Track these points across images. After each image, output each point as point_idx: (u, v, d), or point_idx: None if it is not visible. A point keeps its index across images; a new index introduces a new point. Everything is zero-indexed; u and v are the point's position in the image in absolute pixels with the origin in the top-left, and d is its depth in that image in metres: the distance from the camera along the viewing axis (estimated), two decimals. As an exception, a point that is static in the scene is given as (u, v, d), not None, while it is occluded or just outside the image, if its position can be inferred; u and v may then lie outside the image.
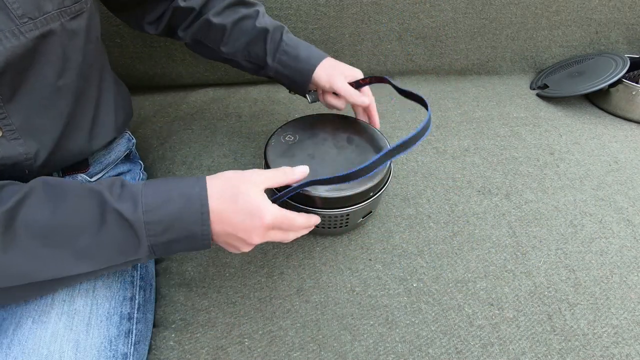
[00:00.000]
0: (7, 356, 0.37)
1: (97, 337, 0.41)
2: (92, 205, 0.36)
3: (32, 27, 0.37)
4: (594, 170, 0.74)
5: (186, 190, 0.38)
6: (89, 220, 0.35)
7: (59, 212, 0.35)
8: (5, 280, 0.34)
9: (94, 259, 0.37)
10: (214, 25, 0.57)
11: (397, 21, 0.88)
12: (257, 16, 0.58)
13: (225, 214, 0.39)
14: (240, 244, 0.41)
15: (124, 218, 0.36)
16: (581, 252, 0.60)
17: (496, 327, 0.51)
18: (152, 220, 0.36)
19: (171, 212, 0.37)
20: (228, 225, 0.39)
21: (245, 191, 0.40)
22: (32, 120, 0.40)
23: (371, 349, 0.48)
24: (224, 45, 0.59)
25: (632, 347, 0.49)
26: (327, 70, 0.58)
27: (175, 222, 0.37)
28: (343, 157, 0.54)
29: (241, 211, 0.39)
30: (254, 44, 0.58)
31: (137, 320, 0.46)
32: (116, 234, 0.36)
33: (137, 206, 0.36)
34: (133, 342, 0.44)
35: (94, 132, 0.49)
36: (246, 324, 0.50)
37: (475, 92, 0.94)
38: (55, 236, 0.35)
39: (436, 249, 0.59)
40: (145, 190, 0.37)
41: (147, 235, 0.36)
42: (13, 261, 0.33)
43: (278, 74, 0.59)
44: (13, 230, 0.33)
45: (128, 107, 0.59)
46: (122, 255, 0.37)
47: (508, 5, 0.91)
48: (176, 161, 0.71)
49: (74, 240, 0.35)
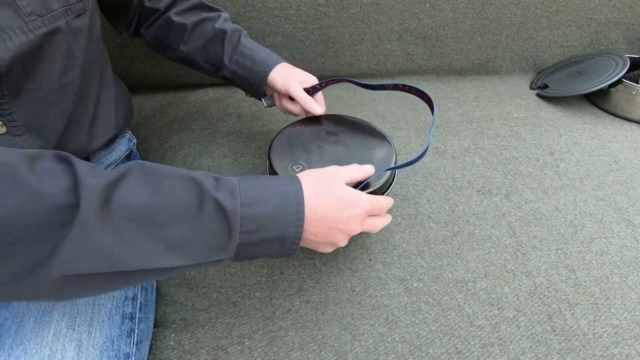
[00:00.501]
0: (10, 356, 0.37)
1: (100, 337, 0.41)
2: (191, 192, 0.34)
3: (40, 25, 0.37)
4: (594, 170, 0.74)
5: (283, 189, 0.38)
6: (187, 207, 0.33)
7: (157, 196, 0.33)
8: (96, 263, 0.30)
9: (184, 251, 0.34)
10: (174, 24, 0.60)
11: (397, 21, 0.89)
12: (218, 19, 0.61)
13: (325, 210, 0.39)
14: (340, 237, 0.41)
15: (222, 208, 0.34)
16: (581, 252, 0.60)
17: (496, 327, 0.51)
18: (249, 215, 0.35)
19: (268, 210, 0.36)
20: (330, 220, 0.40)
21: (338, 185, 0.42)
22: (36, 116, 0.41)
23: (371, 349, 0.48)
24: (184, 45, 0.61)
25: (632, 347, 0.50)
26: (282, 74, 0.60)
27: (270, 221, 0.36)
28: (347, 159, 0.54)
29: (339, 203, 0.40)
30: (212, 44, 0.60)
31: (139, 320, 0.46)
32: (211, 226, 0.34)
33: (235, 198, 0.35)
34: (135, 341, 0.44)
35: (94, 130, 0.50)
36: (246, 324, 0.50)
37: (475, 92, 0.94)
38: (150, 221, 0.32)
39: (436, 249, 0.59)
40: (242, 184, 0.36)
41: (241, 231, 0.35)
42: (106, 242, 0.30)
43: (234, 75, 0.61)
44: (110, 208, 0.31)
45: (128, 105, 0.60)
46: (210, 252, 0.35)
47: (508, 5, 0.91)
48: (176, 161, 0.71)
49: (168, 228, 0.33)
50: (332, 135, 0.58)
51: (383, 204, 0.45)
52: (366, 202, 0.42)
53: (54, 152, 0.32)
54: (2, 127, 0.39)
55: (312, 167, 0.52)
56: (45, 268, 0.29)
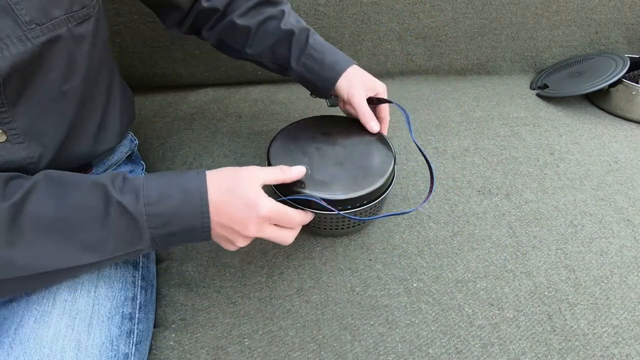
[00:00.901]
0: (9, 355, 0.37)
1: (99, 337, 0.41)
2: (96, 198, 0.37)
3: (39, 33, 0.37)
4: (594, 170, 0.74)
5: (186, 184, 0.39)
6: (94, 213, 0.36)
7: (64, 205, 0.36)
8: (11, 272, 0.35)
9: (98, 250, 0.37)
10: (238, 27, 0.56)
11: (397, 21, 0.88)
12: (282, 17, 0.57)
13: (222, 206, 0.40)
14: (236, 237, 0.42)
15: (126, 210, 0.36)
16: (581, 252, 0.60)
17: (496, 327, 0.51)
18: (154, 213, 0.37)
19: (172, 206, 0.38)
20: (224, 217, 0.40)
21: (242, 184, 0.41)
22: (36, 124, 0.40)
23: (371, 349, 0.48)
24: (249, 47, 0.58)
25: (632, 347, 0.50)
26: (349, 82, 0.57)
27: (175, 216, 0.38)
28: (346, 160, 0.54)
29: (237, 202, 0.40)
30: (278, 46, 0.57)
31: (139, 320, 0.46)
32: (120, 226, 0.37)
33: (139, 199, 0.37)
34: (134, 342, 0.44)
35: (100, 137, 0.49)
36: (246, 324, 0.50)
37: (475, 92, 0.94)
38: (60, 229, 0.36)
39: (436, 249, 0.59)
40: (146, 183, 0.38)
41: (148, 227, 0.37)
42: (20, 254, 0.34)
43: (301, 78, 0.59)
44: (19, 224, 0.34)
45: (132, 111, 0.59)
46: (125, 246, 0.38)
47: (508, 5, 0.91)
48: (176, 161, 0.71)
49: (79, 233, 0.36)
50: (331, 136, 0.58)
51: (292, 216, 0.44)
52: (265, 207, 0.41)
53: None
54: (2, 135, 0.38)
55: (313, 169, 0.52)
56: None
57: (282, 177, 0.46)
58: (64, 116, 0.43)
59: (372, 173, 0.53)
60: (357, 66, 0.59)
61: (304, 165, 0.49)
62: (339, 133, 0.58)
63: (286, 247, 0.58)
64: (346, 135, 0.58)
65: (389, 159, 0.55)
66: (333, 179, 0.51)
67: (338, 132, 0.59)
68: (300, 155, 0.54)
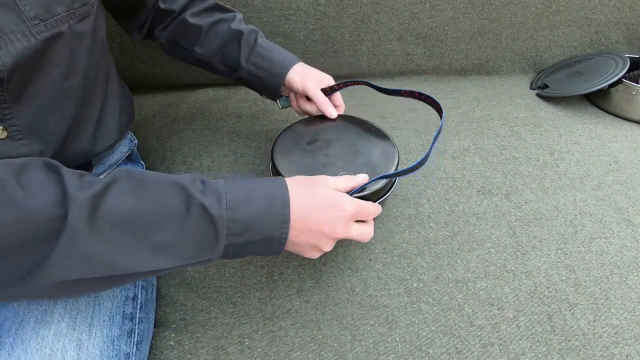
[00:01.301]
0: (10, 355, 0.37)
1: (100, 337, 0.41)
2: (178, 197, 0.35)
3: (42, 29, 0.37)
4: (594, 170, 0.74)
5: (269, 191, 0.38)
6: (174, 213, 0.34)
7: (144, 203, 0.34)
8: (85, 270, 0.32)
9: (172, 254, 0.35)
10: (190, 26, 0.59)
11: (397, 21, 0.89)
12: (233, 20, 0.60)
13: (308, 211, 0.39)
14: (323, 241, 0.41)
15: (208, 213, 0.35)
16: (581, 252, 0.60)
17: (496, 327, 0.51)
18: (235, 218, 0.36)
19: (253, 213, 0.36)
20: (312, 222, 0.39)
21: (322, 188, 0.41)
22: (37, 121, 0.40)
23: (371, 349, 0.48)
24: (199, 46, 0.60)
25: (632, 347, 0.50)
26: (300, 74, 0.59)
27: (256, 224, 0.36)
28: (349, 160, 0.54)
29: (323, 205, 0.40)
30: (228, 45, 0.60)
31: (140, 320, 0.46)
32: (198, 230, 0.35)
33: (221, 202, 0.35)
34: (135, 341, 0.44)
35: (98, 134, 0.49)
36: (246, 324, 0.50)
37: (475, 92, 0.94)
38: (138, 228, 0.33)
39: (436, 249, 0.59)
40: (228, 187, 0.37)
41: (227, 234, 0.35)
42: (97, 250, 0.32)
43: (251, 76, 0.61)
44: (97, 218, 0.32)
45: (131, 109, 0.60)
46: (198, 253, 0.36)
47: (508, 5, 0.91)
48: (176, 161, 0.71)
49: (156, 233, 0.34)
50: (334, 135, 0.58)
51: (370, 209, 0.44)
52: (350, 204, 0.41)
53: (43, 161, 0.33)
54: (3, 132, 0.38)
55: (317, 167, 0.52)
56: (38, 276, 0.30)
57: (350, 185, 0.45)
58: (65, 113, 0.43)
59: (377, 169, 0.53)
60: (303, 63, 0.62)
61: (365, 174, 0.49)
62: (343, 131, 0.59)
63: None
64: (349, 134, 0.59)
65: (392, 157, 0.55)
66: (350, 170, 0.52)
67: (341, 131, 0.59)
68: (304, 154, 0.54)
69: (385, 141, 0.57)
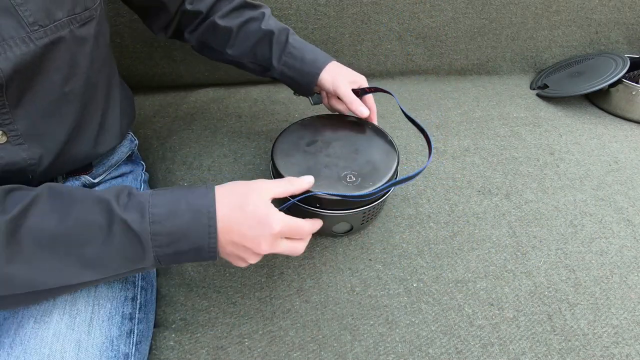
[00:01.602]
0: (9, 355, 0.37)
1: (99, 337, 0.41)
2: (100, 214, 0.35)
3: (42, 35, 0.37)
4: (594, 170, 0.74)
5: (194, 202, 0.38)
6: (96, 230, 0.35)
7: (66, 221, 0.34)
8: (9, 288, 0.34)
9: (100, 268, 0.36)
10: (220, 28, 0.58)
11: (397, 21, 0.88)
12: (262, 18, 0.59)
13: (233, 224, 0.39)
14: (248, 255, 0.41)
15: (130, 228, 0.35)
16: (581, 252, 0.60)
17: (496, 327, 0.51)
18: (159, 232, 0.36)
19: (178, 225, 0.37)
20: (236, 235, 0.39)
21: (253, 201, 0.40)
22: (37, 125, 0.40)
23: (371, 349, 0.48)
24: (230, 48, 0.59)
25: (632, 347, 0.50)
26: (332, 75, 0.58)
27: (182, 235, 0.37)
28: (350, 159, 0.54)
29: (249, 220, 0.39)
30: (259, 46, 0.59)
31: (139, 320, 0.46)
32: (122, 244, 0.36)
33: (144, 217, 0.36)
34: (134, 342, 0.44)
35: (100, 138, 0.49)
36: (246, 324, 0.50)
37: (475, 92, 0.94)
38: (61, 245, 0.34)
39: (436, 249, 0.59)
40: (152, 200, 0.37)
41: (153, 246, 0.36)
42: (18, 271, 0.33)
43: (283, 76, 0.60)
44: (18, 239, 0.33)
45: (132, 111, 0.59)
46: (128, 264, 0.37)
47: (508, 5, 0.91)
48: (176, 161, 0.71)
49: (81, 250, 0.35)
50: (334, 134, 0.58)
51: (302, 228, 0.43)
52: (278, 222, 0.40)
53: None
54: (2, 137, 0.38)
55: (318, 168, 0.52)
56: None
57: (291, 189, 0.45)
58: (65, 118, 0.43)
59: (379, 168, 0.53)
60: (336, 62, 0.61)
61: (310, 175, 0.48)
62: (342, 131, 0.59)
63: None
64: (349, 134, 0.58)
65: (392, 156, 0.55)
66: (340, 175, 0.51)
67: (341, 131, 0.59)
68: (304, 155, 0.54)
69: (385, 141, 0.57)
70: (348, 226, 0.57)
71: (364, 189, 0.50)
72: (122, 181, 0.58)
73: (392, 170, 0.53)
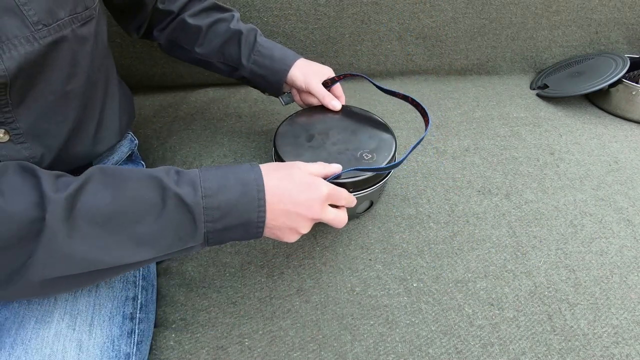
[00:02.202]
0: (10, 355, 0.37)
1: (100, 337, 0.41)
2: (153, 190, 0.36)
3: (46, 34, 0.37)
4: (594, 170, 0.74)
5: (243, 176, 0.39)
6: (150, 206, 0.35)
7: (119, 198, 0.35)
8: (69, 267, 0.33)
9: (153, 245, 0.36)
10: (189, 26, 0.60)
11: (397, 21, 0.89)
12: (231, 20, 0.61)
13: (284, 191, 0.40)
14: (301, 222, 0.41)
15: (184, 203, 0.35)
16: (581, 252, 0.60)
17: (496, 327, 0.51)
18: (211, 205, 0.36)
19: (229, 199, 0.37)
20: (289, 202, 0.40)
21: (299, 172, 0.42)
22: (39, 124, 0.40)
23: (371, 349, 0.48)
24: (199, 46, 0.61)
25: (632, 347, 0.50)
26: (302, 71, 0.61)
27: (233, 209, 0.37)
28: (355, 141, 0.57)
29: (299, 185, 0.41)
30: (228, 45, 0.61)
31: (140, 320, 0.46)
32: (175, 220, 0.36)
33: (196, 191, 0.36)
34: (135, 342, 0.44)
35: (98, 136, 0.50)
36: (246, 324, 0.50)
37: (475, 92, 0.94)
38: (115, 222, 0.34)
39: (436, 249, 0.59)
40: (203, 175, 0.38)
41: (205, 221, 0.36)
42: (77, 247, 0.33)
43: (253, 74, 0.62)
44: (75, 216, 0.33)
45: (131, 109, 0.60)
46: (179, 242, 0.37)
47: (508, 5, 0.91)
48: (176, 161, 0.71)
49: (135, 226, 0.35)
50: (326, 125, 0.59)
51: (343, 193, 0.46)
52: (325, 186, 0.43)
53: (19, 165, 0.34)
54: (5, 135, 0.38)
55: (334, 157, 0.54)
56: (23, 276, 0.31)
57: (323, 171, 0.47)
58: (66, 116, 0.43)
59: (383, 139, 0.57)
60: (304, 58, 0.63)
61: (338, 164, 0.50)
62: (330, 120, 0.61)
63: (286, 247, 0.58)
64: (337, 120, 0.61)
65: (391, 142, 0.58)
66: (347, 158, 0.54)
67: (329, 120, 0.61)
68: (313, 150, 0.55)
69: (385, 129, 0.60)
70: (369, 203, 0.60)
71: (384, 161, 0.53)
72: None
73: (394, 137, 0.58)
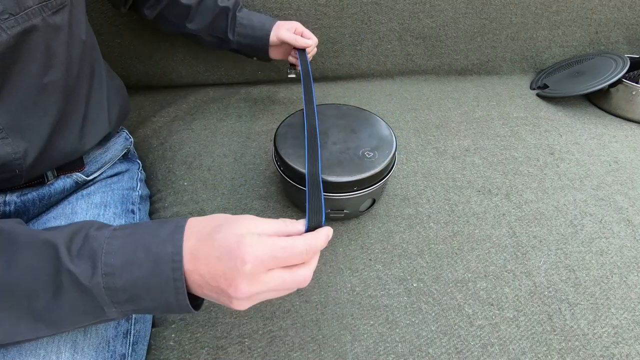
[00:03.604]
0: (5, 357, 0.36)
1: (95, 338, 0.41)
2: (46, 262, 0.30)
3: (13, 24, 0.36)
4: (594, 170, 0.74)
5: (157, 250, 0.31)
6: (43, 281, 0.30)
7: (13, 269, 0.30)
8: None
9: (55, 322, 0.31)
10: (179, 5, 0.66)
11: (397, 21, 0.88)
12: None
13: (201, 257, 0.31)
14: (225, 297, 0.31)
15: (79, 282, 0.30)
16: (581, 252, 0.60)
17: (496, 327, 0.51)
18: (113, 286, 0.30)
19: (137, 277, 0.30)
20: (205, 272, 0.31)
21: (228, 227, 0.32)
22: (19, 119, 0.39)
23: (371, 349, 0.48)
24: (190, 22, 0.68)
25: (632, 347, 0.49)
26: (276, 32, 0.69)
27: (142, 291, 0.30)
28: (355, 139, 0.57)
29: (218, 249, 0.30)
30: (216, 21, 0.68)
31: (136, 320, 0.46)
32: (75, 299, 0.30)
33: (95, 268, 0.30)
34: (131, 342, 0.44)
35: (85, 129, 0.48)
36: (246, 324, 0.50)
37: (475, 92, 0.94)
38: (9, 296, 0.30)
39: (436, 249, 0.59)
40: (107, 246, 0.31)
41: (111, 302, 0.31)
42: None
43: (240, 46, 0.71)
44: None
45: (123, 101, 0.58)
46: (87, 317, 0.32)
47: (508, 5, 0.91)
48: (176, 161, 0.71)
49: (31, 301, 0.30)
50: (323, 124, 0.60)
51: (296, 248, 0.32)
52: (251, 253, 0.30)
53: None
54: None
55: (336, 156, 0.54)
56: None
57: (284, 229, 0.34)
58: (47, 110, 0.42)
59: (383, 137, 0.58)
60: (279, 20, 0.71)
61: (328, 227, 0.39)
62: (327, 119, 0.61)
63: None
64: (334, 119, 0.61)
65: (390, 137, 0.58)
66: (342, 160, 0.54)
67: (326, 119, 0.61)
68: None
69: (385, 126, 0.60)
70: (371, 201, 0.60)
71: (386, 159, 0.54)
72: (118, 180, 0.57)
73: (393, 135, 0.58)
